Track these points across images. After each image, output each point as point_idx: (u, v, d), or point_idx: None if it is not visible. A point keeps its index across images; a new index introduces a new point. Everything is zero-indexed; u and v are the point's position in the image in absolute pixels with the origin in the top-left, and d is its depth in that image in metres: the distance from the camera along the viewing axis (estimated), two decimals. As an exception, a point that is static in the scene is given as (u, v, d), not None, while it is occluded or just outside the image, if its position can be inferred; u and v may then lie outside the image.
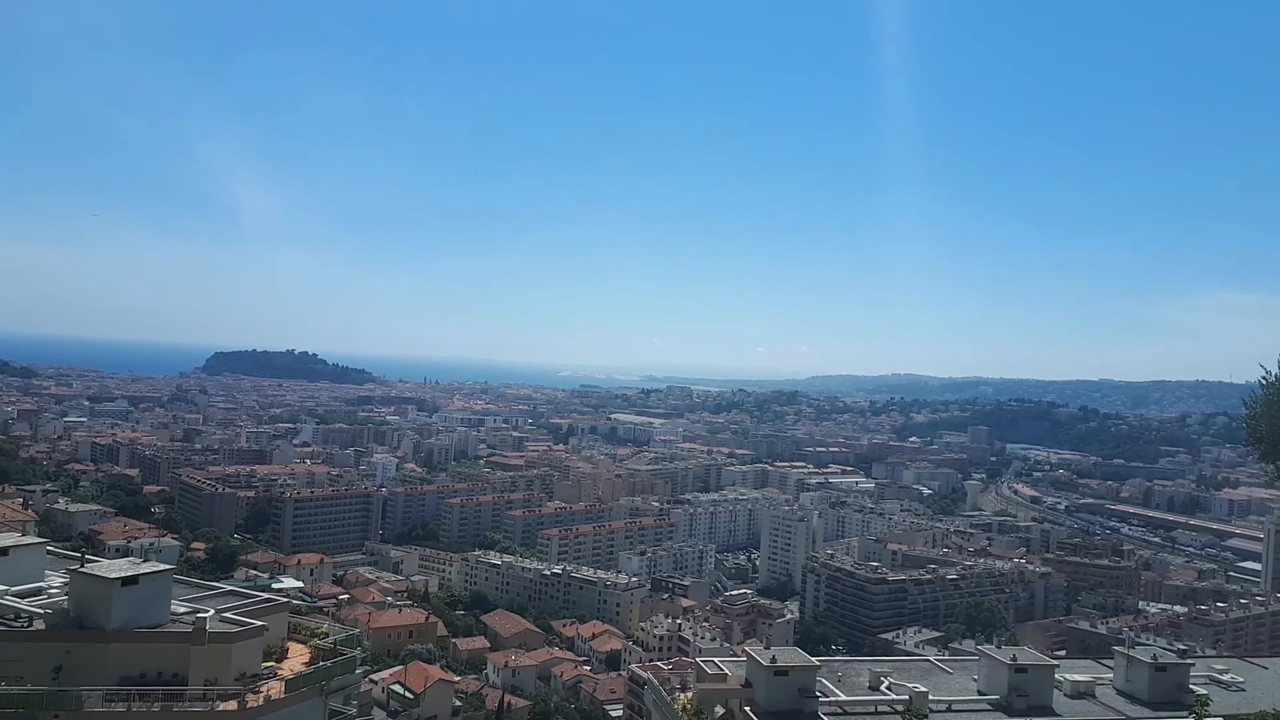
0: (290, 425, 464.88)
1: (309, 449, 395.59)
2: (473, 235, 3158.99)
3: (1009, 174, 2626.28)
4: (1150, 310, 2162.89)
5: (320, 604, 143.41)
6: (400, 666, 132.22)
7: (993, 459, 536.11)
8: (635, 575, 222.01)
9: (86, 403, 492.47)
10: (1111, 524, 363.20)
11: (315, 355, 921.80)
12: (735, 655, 57.11)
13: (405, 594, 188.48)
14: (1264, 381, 20.59)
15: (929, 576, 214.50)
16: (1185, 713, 39.13)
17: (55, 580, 41.38)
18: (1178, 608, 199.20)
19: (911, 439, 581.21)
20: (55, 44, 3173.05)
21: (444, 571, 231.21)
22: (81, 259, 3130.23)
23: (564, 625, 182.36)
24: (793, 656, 43.81)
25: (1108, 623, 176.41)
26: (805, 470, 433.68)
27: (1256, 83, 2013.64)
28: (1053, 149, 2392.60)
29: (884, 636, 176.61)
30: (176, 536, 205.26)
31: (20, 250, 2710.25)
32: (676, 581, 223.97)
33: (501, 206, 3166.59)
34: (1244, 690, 46.92)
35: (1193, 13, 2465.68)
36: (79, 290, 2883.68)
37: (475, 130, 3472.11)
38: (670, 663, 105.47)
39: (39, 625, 36.42)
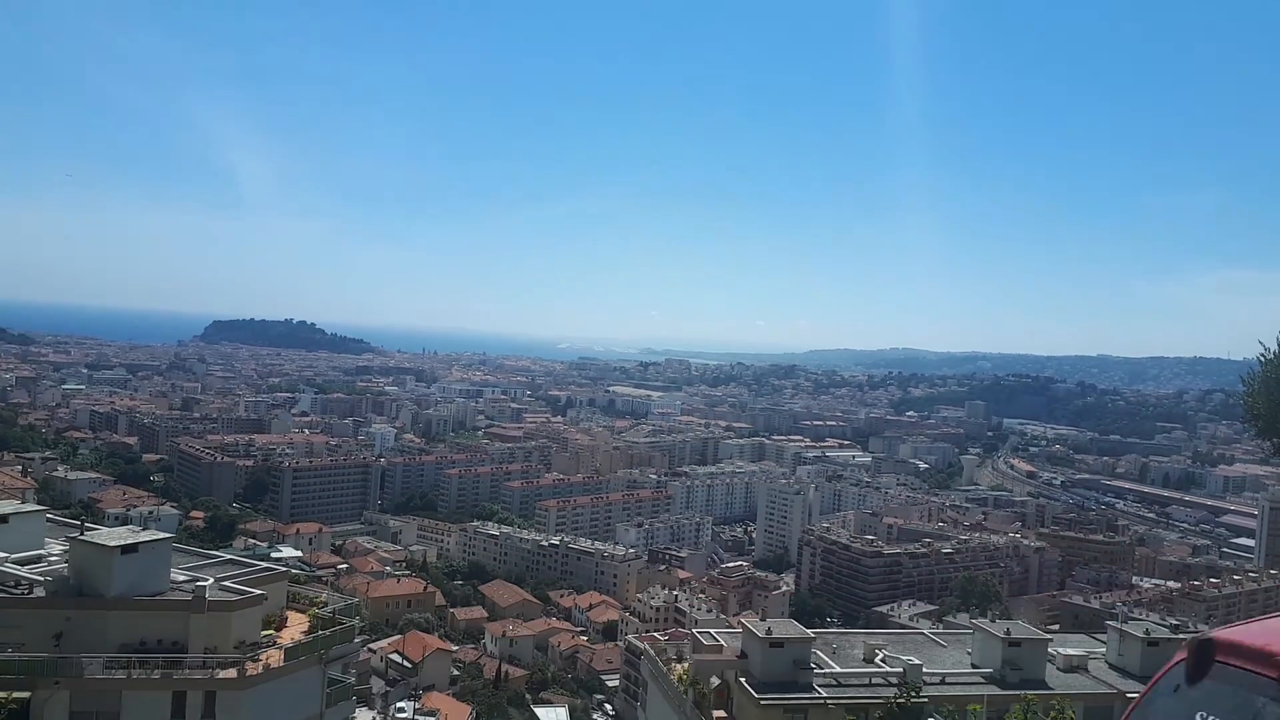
0: (289, 395, 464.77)
1: (307, 419, 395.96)
2: (471, 206, 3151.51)
3: (1010, 148, 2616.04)
4: (1150, 286, 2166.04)
5: (319, 573, 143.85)
6: (398, 636, 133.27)
7: (989, 434, 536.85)
8: (632, 547, 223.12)
9: (84, 370, 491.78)
10: (1107, 499, 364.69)
11: (313, 325, 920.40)
12: (731, 627, 57.49)
13: (403, 564, 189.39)
14: (1262, 359, 20.47)
15: (924, 550, 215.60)
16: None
17: (55, 548, 41.47)
18: (1171, 583, 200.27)
19: (909, 413, 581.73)
20: (53, 9, 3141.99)
21: (442, 542, 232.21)
22: (79, 225, 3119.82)
23: (561, 596, 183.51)
24: (788, 628, 44.13)
25: (1101, 597, 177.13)
26: (802, 444, 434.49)
27: (1259, 60, 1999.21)
28: (1055, 124, 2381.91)
29: (879, 609, 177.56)
30: (175, 505, 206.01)
31: (18, 217, 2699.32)
32: (673, 553, 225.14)
33: (500, 178, 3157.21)
34: (1235, 665, 47.25)
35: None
36: (77, 257, 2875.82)
37: (474, 100, 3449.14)
38: (667, 634, 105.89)
39: (39, 592, 36.56)
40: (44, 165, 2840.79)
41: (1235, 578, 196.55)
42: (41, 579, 36.95)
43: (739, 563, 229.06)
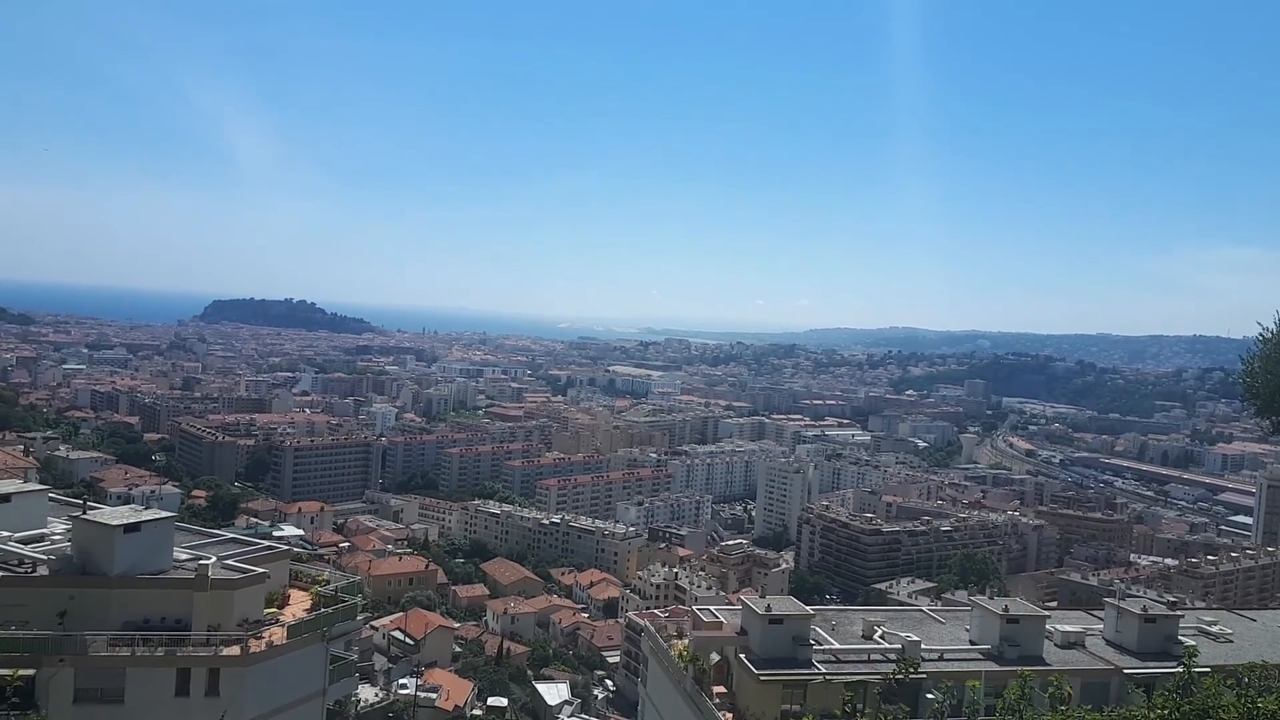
0: (289, 374, 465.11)
1: (308, 398, 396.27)
2: (471, 185, 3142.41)
3: (1011, 125, 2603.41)
4: (1150, 264, 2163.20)
5: (321, 552, 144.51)
6: (401, 613, 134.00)
7: (989, 412, 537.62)
8: (633, 525, 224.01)
9: (85, 350, 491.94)
10: (1105, 477, 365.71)
11: (313, 304, 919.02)
12: (731, 604, 57.80)
13: (405, 542, 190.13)
14: (1262, 337, 20.48)
15: (923, 528, 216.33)
16: (1173, 663, 39.72)
17: (58, 527, 41.59)
18: (1169, 560, 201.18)
19: (908, 392, 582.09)
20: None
21: (444, 520, 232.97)
22: (77, 204, 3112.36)
23: (562, 573, 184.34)
24: (787, 605, 44.37)
25: (1099, 575, 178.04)
26: (802, 423, 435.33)
27: (1263, 33, 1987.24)
28: (1055, 100, 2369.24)
29: (878, 586, 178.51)
30: (177, 484, 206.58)
31: (16, 195, 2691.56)
32: (673, 531, 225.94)
33: (499, 156, 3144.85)
34: (1232, 641, 47.56)
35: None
36: (76, 236, 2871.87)
37: (475, 76, 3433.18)
38: (667, 611, 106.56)
39: (43, 571, 36.72)
40: (42, 144, 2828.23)
41: (1233, 555, 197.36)
42: (45, 558, 37.11)
43: (739, 541, 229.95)
